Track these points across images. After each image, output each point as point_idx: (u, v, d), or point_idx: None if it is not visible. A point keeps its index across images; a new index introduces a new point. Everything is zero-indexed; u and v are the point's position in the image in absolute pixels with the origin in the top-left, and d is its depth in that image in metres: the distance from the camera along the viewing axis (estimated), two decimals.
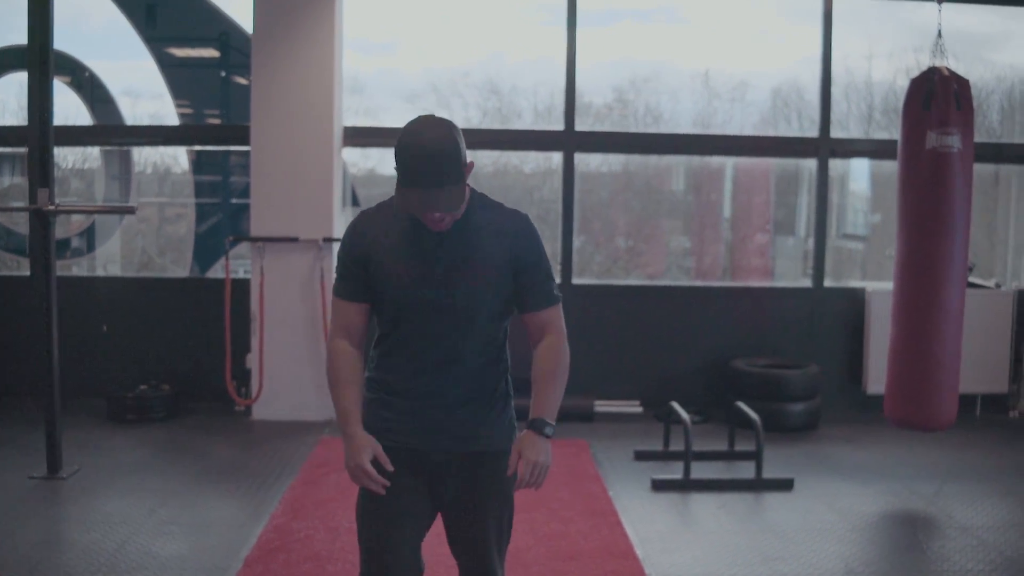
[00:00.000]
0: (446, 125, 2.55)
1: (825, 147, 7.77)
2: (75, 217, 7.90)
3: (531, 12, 8.40)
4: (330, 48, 7.06)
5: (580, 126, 7.69)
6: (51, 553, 4.64)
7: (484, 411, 2.75)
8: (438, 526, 2.88)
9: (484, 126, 8.02)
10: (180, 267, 8.11)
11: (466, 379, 2.71)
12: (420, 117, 2.59)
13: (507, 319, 2.78)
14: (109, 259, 8.16)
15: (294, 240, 7.06)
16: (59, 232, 7.43)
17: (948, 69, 5.76)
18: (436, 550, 3.12)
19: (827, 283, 7.88)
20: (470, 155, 2.62)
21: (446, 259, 2.65)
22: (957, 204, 5.67)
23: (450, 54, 8.26)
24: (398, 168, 2.52)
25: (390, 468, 2.62)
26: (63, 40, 6.35)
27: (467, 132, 2.72)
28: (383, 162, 8.31)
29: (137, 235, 8.25)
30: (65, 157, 8.03)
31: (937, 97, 5.69)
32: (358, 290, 2.71)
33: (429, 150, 2.49)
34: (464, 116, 8.10)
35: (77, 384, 7.01)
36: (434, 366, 2.69)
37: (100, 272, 8.10)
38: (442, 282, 2.64)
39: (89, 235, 8.03)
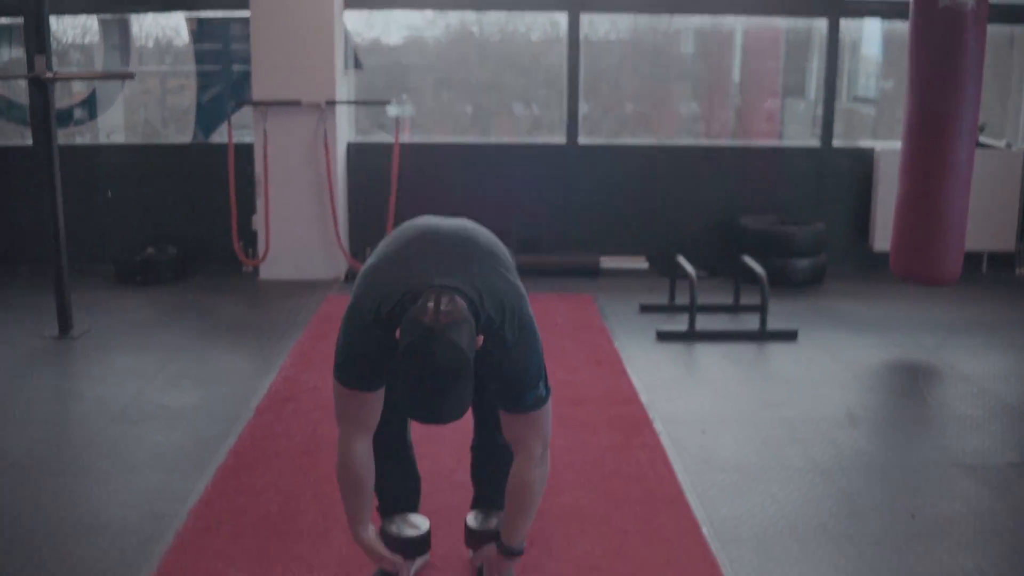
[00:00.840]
0: (455, 351, 2.31)
1: (836, 6, 7.61)
2: (76, 88, 7.83)
3: None
4: None
5: None
6: (65, 405, 4.76)
7: None
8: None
9: None
10: (183, 136, 8.04)
11: None
12: (431, 328, 2.31)
13: None
14: (113, 130, 8.09)
15: (296, 104, 6.99)
16: (61, 102, 7.41)
17: None
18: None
19: (835, 143, 7.79)
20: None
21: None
22: (968, 63, 5.56)
23: None
24: (399, 396, 2.41)
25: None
26: None
27: None
28: (385, 30, 8.15)
29: (140, 107, 8.16)
30: (65, 31, 7.89)
31: None
32: (375, 379, 2.60)
33: (432, 398, 2.34)
34: None
35: (85, 249, 7.04)
36: None
37: (103, 141, 8.04)
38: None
39: (91, 104, 7.94)
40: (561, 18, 7.66)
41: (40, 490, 3.70)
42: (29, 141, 7.59)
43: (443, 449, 3.88)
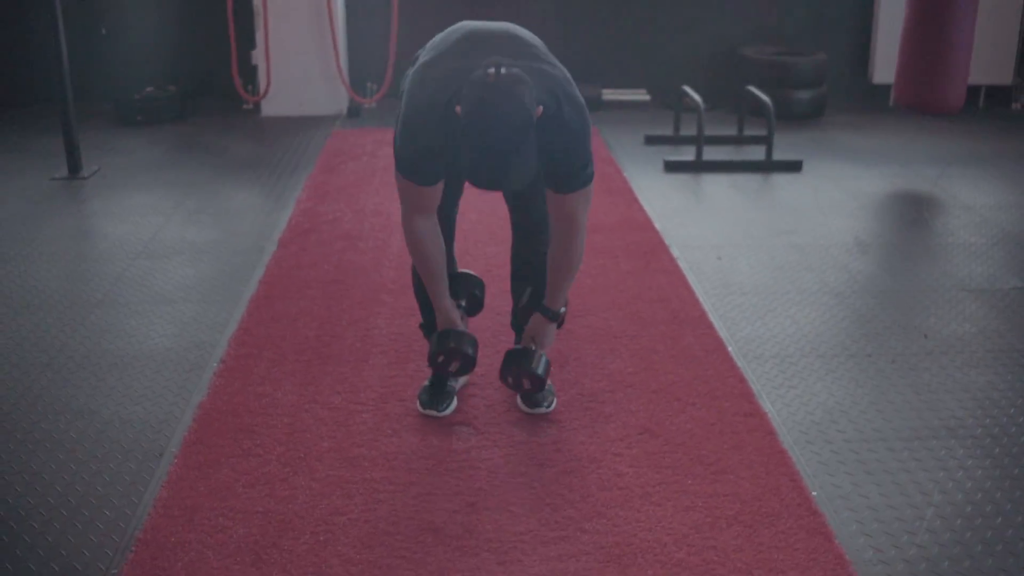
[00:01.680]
0: (519, 104, 2.32)
1: None
2: None
3: None
4: None
5: None
6: (87, 243, 4.81)
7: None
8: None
9: None
10: None
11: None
12: (494, 85, 2.33)
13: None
14: None
15: None
16: None
17: None
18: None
19: None
20: None
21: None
22: None
23: None
24: (464, 143, 2.37)
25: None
26: None
27: None
28: None
29: None
30: None
31: None
32: (438, 171, 2.65)
33: (498, 158, 2.35)
34: None
35: (83, 89, 6.88)
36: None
37: None
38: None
39: None
40: None
41: (79, 323, 3.79)
42: None
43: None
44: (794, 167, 5.87)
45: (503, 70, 2.35)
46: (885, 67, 7.34)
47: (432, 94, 2.55)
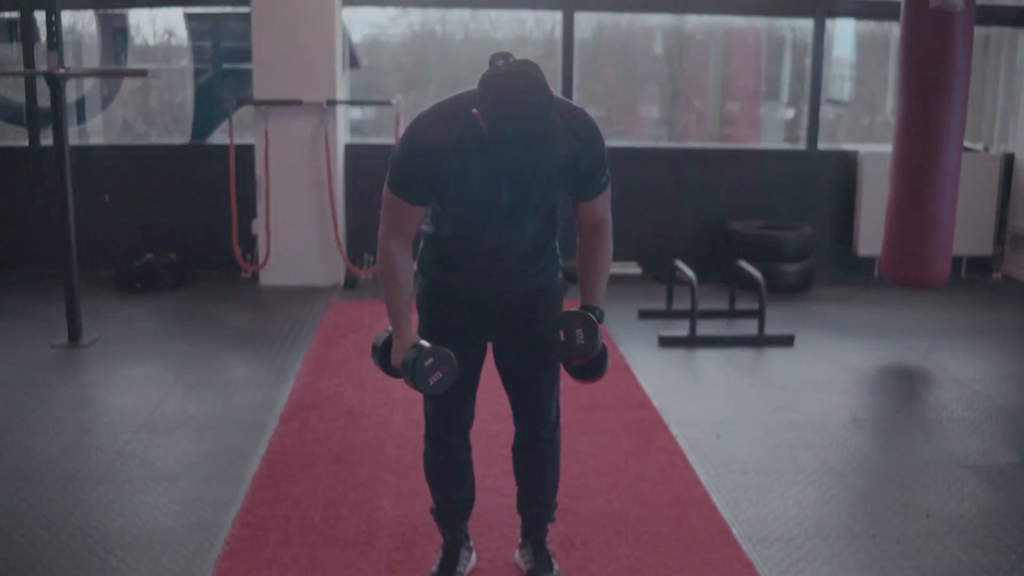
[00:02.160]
0: (536, 83, 2.40)
1: (822, 7, 7.79)
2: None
3: None
4: None
5: None
6: (88, 415, 4.81)
7: (537, 258, 2.86)
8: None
9: None
10: (177, 135, 8.09)
11: (525, 248, 2.80)
12: (508, 77, 2.42)
13: (575, 210, 2.86)
14: (92, 130, 8.10)
15: (298, 103, 7.07)
16: (44, 102, 7.38)
17: None
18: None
19: (820, 146, 7.99)
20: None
21: (519, 170, 2.55)
22: (958, 65, 5.77)
23: None
24: (490, 128, 2.41)
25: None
26: None
27: None
28: (384, 29, 8.25)
29: (122, 105, 8.17)
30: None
31: None
32: (422, 194, 2.70)
33: (527, 132, 2.38)
34: None
35: (82, 255, 6.98)
36: (496, 247, 2.77)
37: (93, 141, 8.05)
38: (514, 193, 2.65)
39: (79, 107, 7.97)
40: (528, 16, 7.75)
41: (81, 500, 3.77)
42: (23, 142, 7.60)
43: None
44: (787, 341, 5.97)
45: (511, 59, 2.46)
46: (869, 240, 7.57)
47: (442, 104, 2.66)
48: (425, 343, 2.70)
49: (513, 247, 2.78)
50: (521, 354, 2.95)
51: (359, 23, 7.99)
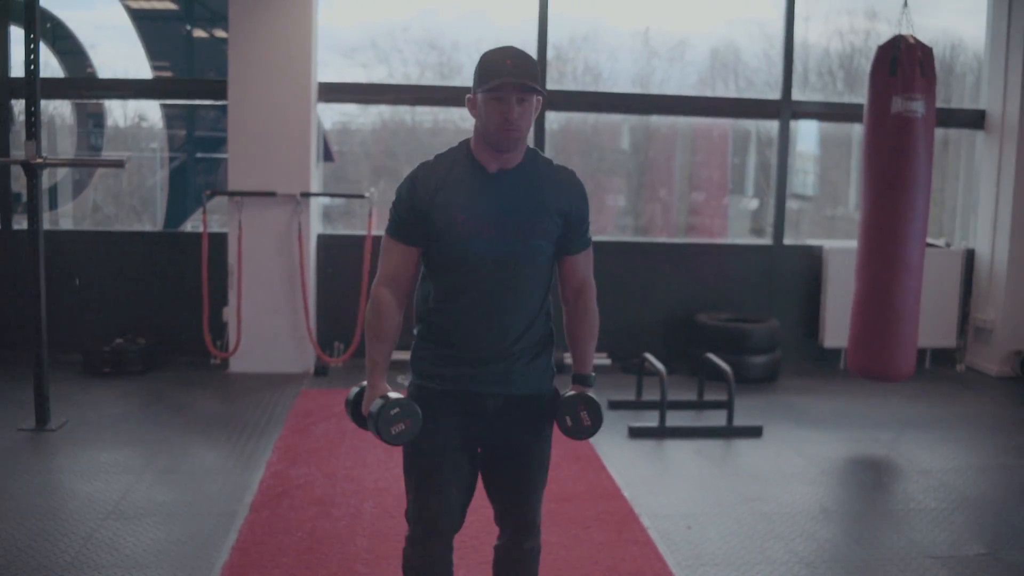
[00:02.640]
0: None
1: (787, 109, 8.01)
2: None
3: None
4: (308, 1, 7.11)
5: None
6: (55, 502, 4.74)
7: (531, 357, 2.86)
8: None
9: (424, 82, 8.07)
10: (147, 223, 8.13)
11: (519, 327, 2.82)
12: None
13: (554, 266, 2.92)
14: (62, 214, 8.14)
15: (272, 195, 7.15)
16: (17, 187, 7.44)
17: (914, 37, 6.01)
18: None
19: (786, 241, 8.14)
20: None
21: (504, 207, 2.75)
22: (920, 166, 5.95)
23: (387, 8, 8.22)
24: (482, 75, 2.67)
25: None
26: None
27: (407, 88, 2.88)
28: (353, 117, 8.41)
29: (92, 190, 8.22)
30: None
31: (903, 64, 5.94)
32: (413, 235, 2.79)
33: (513, 51, 2.68)
34: (403, 72, 8.13)
35: (51, 338, 6.94)
36: (488, 315, 2.78)
37: (63, 226, 8.07)
38: (498, 230, 2.74)
39: (51, 193, 8.01)
40: None
41: None
42: None
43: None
44: (755, 433, 6.02)
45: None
46: (834, 332, 7.68)
47: (441, 152, 2.86)
48: (394, 394, 2.73)
49: (505, 311, 2.79)
50: (511, 469, 2.93)
51: (329, 111, 8.11)
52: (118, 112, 8.25)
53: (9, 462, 5.23)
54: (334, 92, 7.66)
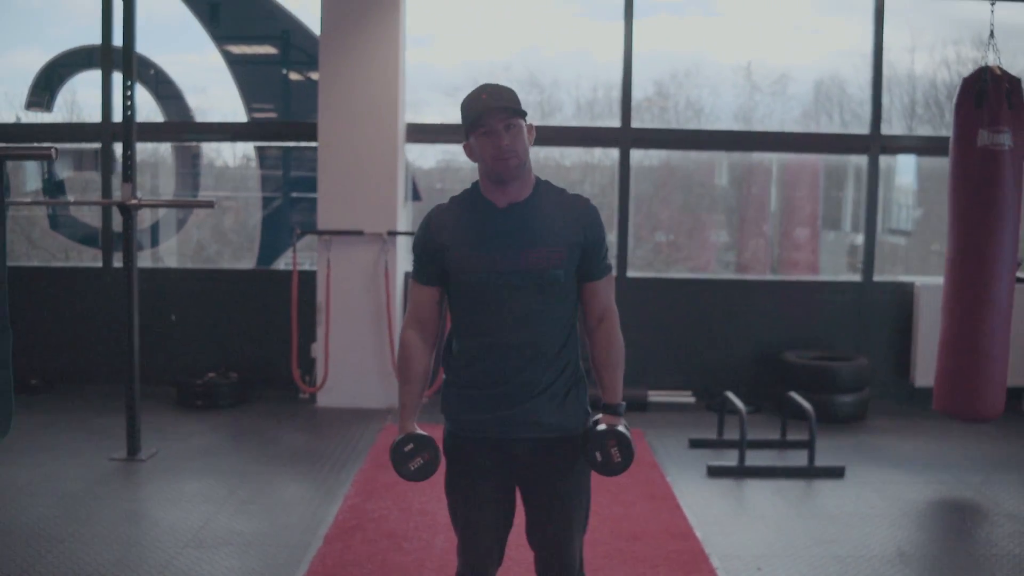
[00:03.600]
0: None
1: (876, 144, 7.90)
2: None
3: (568, 4, 8.57)
4: (395, 44, 7.30)
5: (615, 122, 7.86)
6: (139, 529, 4.92)
7: (563, 396, 2.88)
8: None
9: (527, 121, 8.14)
10: (238, 260, 8.38)
11: (543, 364, 2.83)
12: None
13: (577, 300, 2.92)
14: (167, 252, 8.45)
15: (359, 233, 7.30)
16: (118, 226, 7.72)
17: (1000, 68, 5.89)
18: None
19: (876, 278, 8.00)
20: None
21: (515, 240, 2.79)
22: (1007, 201, 5.81)
23: (488, 47, 8.40)
24: (464, 118, 2.78)
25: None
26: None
27: None
28: (424, 156, 8.57)
29: (194, 228, 8.52)
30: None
31: (989, 96, 5.83)
32: (433, 275, 2.87)
33: (487, 86, 2.79)
34: None
35: (147, 371, 7.23)
36: (513, 351, 2.81)
37: (163, 264, 8.37)
38: (515, 262, 2.78)
39: (153, 231, 8.33)
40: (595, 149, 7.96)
41: None
42: (95, 263, 7.93)
43: None
44: (837, 473, 5.91)
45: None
46: (926, 371, 7.49)
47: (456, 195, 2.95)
48: (416, 432, 2.80)
49: (528, 346, 2.81)
50: (547, 516, 2.93)
51: (432, 150, 8.26)
52: (227, 152, 8.56)
53: (98, 490, 5.43)
54: (423, 133, 7.82)
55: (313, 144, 7.59)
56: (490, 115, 2.73)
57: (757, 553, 4.66)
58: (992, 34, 6.05)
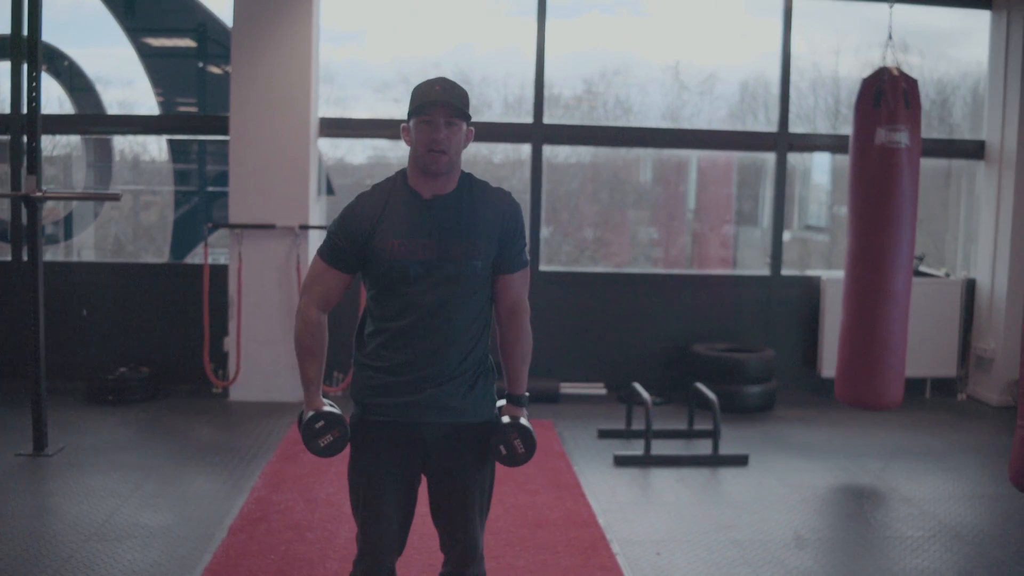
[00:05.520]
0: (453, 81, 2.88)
1: (783, 142, 8.07)
2: (50, 205, 8.05)
3: (498, 2, 8.63)
4: (308, 39, 7.28)
5: (549, 118, 7.92)
6: (42, 523, 4.87)
7: (470, 383, 2.94)
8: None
9: None
10: (153, 254, 8.31)
11: (455, 352, 2.89)
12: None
13: (491, 292, 2.98)
14: (82, 245, 8.33)
15: (271, 227, 7.29)
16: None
17: (898, 69, 6.08)
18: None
19: (783, 272, 8.18)
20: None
21: (439, 231, 2.84)
22: (904, 197, 6.00)
23: (419, 44, 8.42)
24: (413, 101, 2.82)
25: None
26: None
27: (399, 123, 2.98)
28: (353, 152, 8.57)
29: (110, 222, 8.42)
30: (44, 147, 8.19)
31: (887, 96, 6.00)
32: (350, 261, 2.90)
33: (440, 80, 2.85)
34: None
35: (57, 366, 7.19)
36: (425, 337, 2.86)
37: (75, 258, 8.27)
38: (434, 252, 2.83)
39: (67, 223, 8.22)
40: (525, 146, 8.03)
41: None
42: (6, 257, 7.80)
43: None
44: (741, 461, 6.04)
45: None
46: (832, 362, 7.67)
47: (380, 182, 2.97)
48: (327, 409, 2.84)
49: (443, 334, 2.86)
50: (453, 498, 2.99)
51: (361, 146, 8.29)
52: (129, 146, 8.45)
53: (3, 485, 5.36)
54: (335, 127, 7.82)
55: (225, 138, 7.54)
56: (436, 107, 2.79)
57: (657, 539, 4.76)
58: (890, 36, 6.24)
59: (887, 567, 4.48)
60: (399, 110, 8.13)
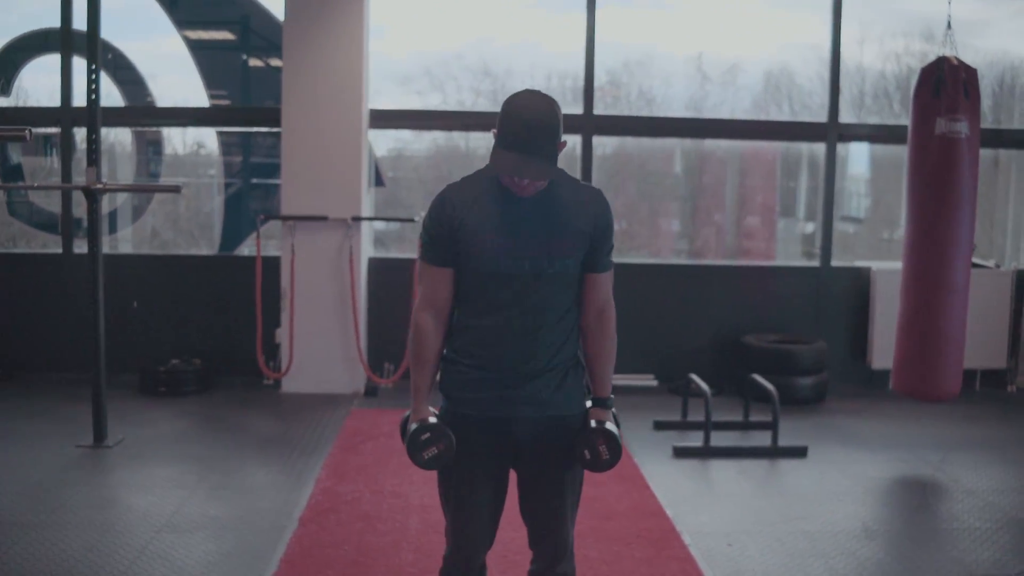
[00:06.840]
0: (550, 101, 2.75)
1: (834, 132, 8.03)
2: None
3: None
4: (360, 31, 7.30)
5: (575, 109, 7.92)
6: (110, 515, 4.89)
7: (561, 377, 2.91)
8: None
9: (478, 108, 8.19)
10: (204, 246, 8.33)
11: (546, 347, 2.87)
12: (528, 90, 2.79)
13: (581, 289, 2.96)
14: (123, 238, 8.36)
15: (323, 219, 7.30)
16: (78, 212, 7.68)
17: (956, 58, 6.03)
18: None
19: (833, 263, 8.14)
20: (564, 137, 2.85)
21: (532, 228, 2.81)
22: (964, 187, 5.97)
23: (441, 37, 8.40)
24: (499, 131, 2.72)
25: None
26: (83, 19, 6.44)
27: (459, 115, 2.93)
28: (396, 146, 8.58)
29: (155, 214, 8.44)
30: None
31: (946, 85, 5.96)
32: (446, 256, 2.85)
33: (532, 122, 2.68)
34: (458, 99, 8.28)
35: (110, 358, 7.18)
36: (517, 334, 2.84)
37: (123, 250, 8.29)
38: (527, 250, 2.80)
39: (111, 218, 8.25)
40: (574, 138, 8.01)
41: None
42: (56, 249, 7.84)
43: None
44: (800, 453, 6.03)
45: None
46: (883, 353, 7.65)
47: (468, 175, 2.94)
48: (432, 419, 2.82)
49: (534, 330, 2.83)
50: (545, 493, 2.97)
51: (383, 138, 8.27)
52: (177, 140, 8.48)
53: (67, 477, 5.41)
54: (386, 119, 7.83)
55: (275, 130, 7.57)
56: (517, 171, 2.72)
57: (726, 530, 4.75)
58: (949, 25, 6.19)
59: (958, 558, 4.45)
60: (421, 102, 8.20)
